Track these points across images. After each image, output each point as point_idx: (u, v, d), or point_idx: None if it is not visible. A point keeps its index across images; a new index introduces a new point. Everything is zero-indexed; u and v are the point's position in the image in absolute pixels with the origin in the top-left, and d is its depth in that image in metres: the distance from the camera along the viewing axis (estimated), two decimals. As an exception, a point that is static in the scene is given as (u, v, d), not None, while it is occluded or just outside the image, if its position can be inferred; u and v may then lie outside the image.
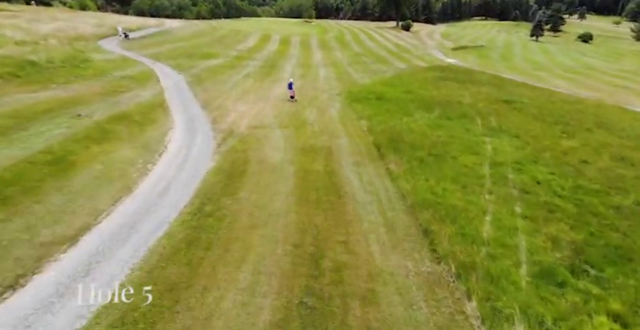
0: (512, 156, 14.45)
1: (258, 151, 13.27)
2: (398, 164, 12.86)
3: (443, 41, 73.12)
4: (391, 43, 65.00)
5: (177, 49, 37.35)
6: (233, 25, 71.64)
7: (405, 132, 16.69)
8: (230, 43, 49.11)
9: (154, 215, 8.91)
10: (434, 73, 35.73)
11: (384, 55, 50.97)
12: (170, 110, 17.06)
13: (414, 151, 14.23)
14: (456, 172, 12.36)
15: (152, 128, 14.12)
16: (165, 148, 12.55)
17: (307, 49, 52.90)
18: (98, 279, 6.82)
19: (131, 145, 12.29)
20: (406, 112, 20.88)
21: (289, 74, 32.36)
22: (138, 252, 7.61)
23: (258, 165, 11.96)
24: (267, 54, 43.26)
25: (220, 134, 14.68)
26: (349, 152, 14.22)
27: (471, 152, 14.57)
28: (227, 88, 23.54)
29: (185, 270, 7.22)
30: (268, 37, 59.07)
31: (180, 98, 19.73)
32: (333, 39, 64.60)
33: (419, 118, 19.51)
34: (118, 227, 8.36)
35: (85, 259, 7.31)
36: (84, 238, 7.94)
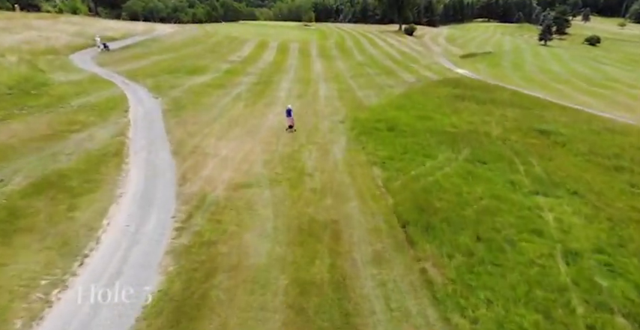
0: (586, 235, 10.44)
1: (234, 241, 9.25)
2: (437, 263, 8.87)
3: (449, 47, 69.10)
4: (395, 49, 60.97)
5: (162, 63, 33.29)
6: (229, 30, 67.55)
7: (434, 190, 12.68)
8: (223, 52, 45.04)
9: None
10: (448, 90, 31.72)
11: (389, 64, 46.93)
12: (127, 162, 13.02)
13: (454, 231, 10.21)
14: (527, 281, 8.36)
15: (88, 203, 10.05)
16: (94, 247, 8.45)
17: (306, 57, 48.85)
18: None
19: (42, 244, 8.24)
20: (427, 150, 16.88)
21: (286, 92, 28.35)
22: None
23: (229, 277, 7.91)
24: (263, 66, 39.19)
25: (186, 206, 10.65)
26: (364, 232, 10.22)
27: (531, 230, 10.56)
28: (211, 118, 19.50)
29: None
30: (265, 45, 55.00)
31: (147, 138, 15.70)
32: (334, 45, 60.55)
33: (445, 163, 15.50)
34: None
35: None
36: None
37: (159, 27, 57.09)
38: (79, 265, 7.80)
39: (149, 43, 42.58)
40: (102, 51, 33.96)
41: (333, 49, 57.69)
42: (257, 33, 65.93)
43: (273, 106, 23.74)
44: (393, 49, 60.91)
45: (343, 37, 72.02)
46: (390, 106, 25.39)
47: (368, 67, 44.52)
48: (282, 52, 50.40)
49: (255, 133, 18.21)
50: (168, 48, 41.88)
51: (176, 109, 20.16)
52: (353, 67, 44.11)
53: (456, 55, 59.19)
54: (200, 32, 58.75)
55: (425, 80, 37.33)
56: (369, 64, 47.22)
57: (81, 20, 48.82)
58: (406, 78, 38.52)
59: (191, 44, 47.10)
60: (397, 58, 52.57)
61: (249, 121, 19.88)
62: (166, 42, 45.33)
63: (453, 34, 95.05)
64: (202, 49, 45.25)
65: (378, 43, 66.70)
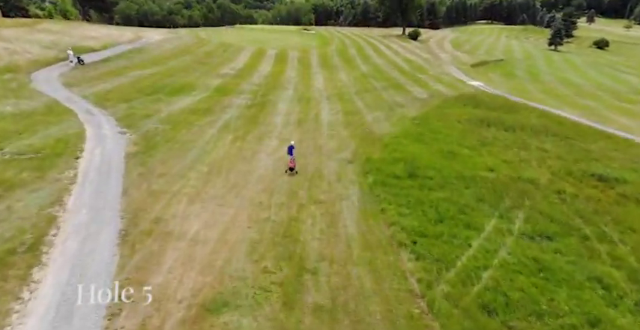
0: None
1: None
2: None
3: (456, 53, 64.87)
4: (400, 57, 56.75)
5: (144, 80, 29.05)
6: (224, 36, 63.30)
7: (499, 307, 8.51)
8: (216, 63, 40.81)
9: None
10: (468, 111, 27.55)
11: (396, 76, 42.71)
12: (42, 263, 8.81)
13: None
14: None
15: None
16: None
17: (307, 68, 44.63)
18: None
19: None
20: (467, 215, 12.73)
21: (283, 117, 24.14)
22: None
23: None
24: (259, 80, 34.97)
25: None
26: None
27: None
28: (187, 164, 15.29)
29: None
30: (262, 53, 50.76)
31: (92, 207, 11.50)
32: (336, 53, 56.30)
33: (497, 240, 11.34)
34: None
35: None
36: None
37: (148, 34, 52.80)
38: None
39: (133, 54, 38.30)
40: (75, 66, 29.71)
41: (334, 57, 53.46)
42: (254, 39, 61.67)
43: (267, 140, 19.54)
44: (399, 57, 56.70)
45: (345, 43, 67.77)
46: (406, 137, 21.19)
47: (373, 80, 40.34)
48: (281, 63, 46.17)
49: (242, 187, 14.00)
50: (154, 60, 37.61)
51: (145, 151, 15.93)
52: (357, 80, 39.91)
53: (465, 63, 54.96)
54: (192, 40, 54.47)
55: (438, 96, 33.18)
56: (374, 75, 43.01)
57: (61, 28, 44.54)
58: (417, 93, 34.35)
59: (180, 54, 42.83)
60: (404, 68, 48.36)
61: (236, 167, 15.66)
62: (153, 52, 41.06)
63: (459, 39, 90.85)
64: (193, 60, 40.99)
65: (382, 50, 62.46)
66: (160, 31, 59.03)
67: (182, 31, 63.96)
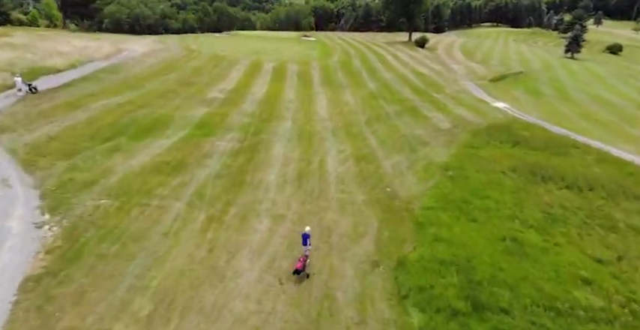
0: None
1: None
2: None
3: (470, 64, 59.04)
4: (410, 70, 50.93)
5: (106, 115, 23.19)
6: (217, 46, 57.43)
7: None
8: (203, 83, 34.98)
9: None
10: (509, 153, 21.83)
11: (410, 96, 36.90)
12: None
13: None
14: None
15: None
16: None
17: (308, 86, 38.83)
18: None
19: None
20: None
21: (278, 171, 18.37)
22: None
23: None
24: (252, 108, 29.12)
25: None
26: None
27: None
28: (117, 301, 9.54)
29: None
30: (258, 68, 44.93)
31: None
32: (339, 66, 50.44)
33: None
34: None
35: None
36: None
37: (131, 46, 46.93)
38: None
39: (106, 74, 32.44)
40: (24, 96, 23.85)
41: (338, 71, 47.61)
42: (250, 50, 55.80)
43: (254, 220, 13.83)
44: (408, 70, 50.88)
45: (348, 52, 61.86)
46: (445, 207, 15.49)
47: (384, 101, 34.60)
48: (278, 80, 40.35)
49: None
50: (130, 82, 31.76)
51: (58, 270, 10.15)
52: (366, 102, 34.15)
53: (482, 77, 49.17)
54: (180, 52, 48.59)
55: (464, 126, 27.48)
56: (384, 95, 37.25)
57: (27, 41, 38.70)
58: (438, 121, 28.63)
59: (164, 72, 36.97)
60: (416, 85, 42.55)
61: (200, 297, 9.92)
62: (131, 71, 35.20)
63: (467, 45, 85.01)
64: (177, 79, 35.12)
65: (389, 61, 56.61)
66: (146, 42, 53.12)
67: (172, 41, 58.04)
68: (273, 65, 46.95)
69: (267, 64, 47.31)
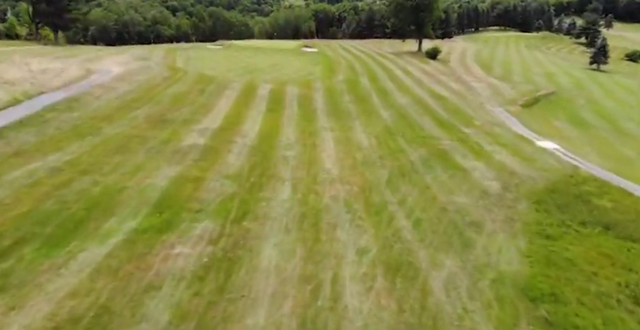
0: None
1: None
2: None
3: (491, 81, 52.14)
4: (427, 91, 44.02)
5: (26, 193, 16.24)
6: (207, 61, 50.49)
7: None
8: (181, 121, 27.98)
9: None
10: (609, 253, 14.88)
11: (436, 134, 30.02)
12: None
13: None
14: None
15: None
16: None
17: (310, 119, 31.93)
18: None
19: None
20: None
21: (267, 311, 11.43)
22: None
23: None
24: (239, 162, 22.08)
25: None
26: None
27: None
28: None
29: None
30: (252, 92, 38.00)
31: None
32: (345, 87, 43.46)
33: None
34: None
35: None
36: None
37: (105, 64, 39.99)
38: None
39: (56, 113, 25.45)
40: None
41: (344, 94, 40.63)
42: (244, 67, 48.82)
43: None
44: (425, 91, 43.96)
45: (354, 67, 54.81)
46: None
47: (404, 141, 27.73)
48: (275, 110, 33.43)
49: None
50: (84, 124, 24.76)
51: None
52: (382, 143, 27.25)
53: (511, 100, 42.26)
54: (162, 71, 41.59)
55: (515, 186, 20.74)
56: (403, 130, 30.40)
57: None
58: (481, 178, 21.78)
59: (135, 105, 30.00)
60: (438, 113, 35.66)
61: None
62: (92, 106, 28.20)
63: (481, 54, 78.05)
64: (149, 116, 28.15)
65: (401, 78, 49.67)
66: (125, 58, 46.08)
67: (156, 55, 51.01)
68: (269, 88, 39.97)
69: (263, 86, 40.33)
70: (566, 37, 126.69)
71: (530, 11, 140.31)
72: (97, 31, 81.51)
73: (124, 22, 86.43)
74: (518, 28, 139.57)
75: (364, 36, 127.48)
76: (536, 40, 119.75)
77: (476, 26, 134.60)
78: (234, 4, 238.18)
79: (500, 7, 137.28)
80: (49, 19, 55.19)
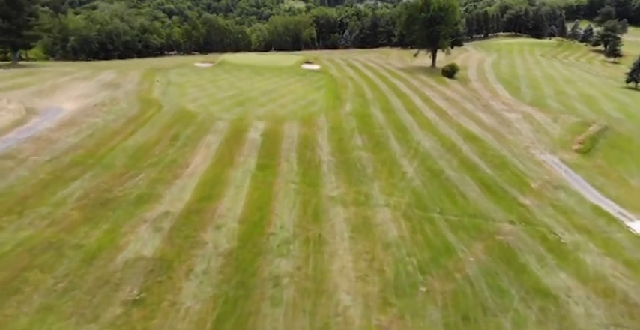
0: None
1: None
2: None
3: (523, 107, 43.77)
4: (455, 128, 35.61)
5: None
6: (191, 88, 42.11)
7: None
8: (133, 199, 19.54)
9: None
10: None
11: (484, 208, 21.70)
12: None
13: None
14: None
15: None
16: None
17: (313, 183, 23.57)
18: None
19: None
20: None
21: None
22: None
23: None
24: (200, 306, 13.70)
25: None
26: None
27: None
28: None
29: None
30: (240, 136, 29.60)
31: None
32: (356, 124, 34.98)
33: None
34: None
35: None
36: None
37: (55, 101, 31.66)
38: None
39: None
40: None
41: (355, 135, 32.21)
42: (234, 96, 40.40)
43: None
44: (452, 127, 35.57)
45: (363, 93, 46.32)
46: None
47: (446, 226, 19.54)
48: (267, 168, 25.03)
49: None
50: None
51: None
52: (418, 233, 18.94)
53: (560, 140, 33.89)
54: (131, 107, 33.19)
55: None
56: (439, 201, 22.16)
57: None
58: (581, 314, 13.56)
59: (71, 173, 21.57)
60: (479, 168, 27.29)
61: None
62: (5, 180, 19.77)
63: (499, 67, 69.71)
64: (86, 193, 19.75)
65: (421, 109, 41.27)
66: (89, 87, 37.69)
67: (130, 80, 42.57)
68: (262, 129, 31.56)
69: (255, 126, 31.90)
70: (581, 44, 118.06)
71: (541, 16, 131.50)
72: (78, 43, 73.02)
73: (108, 32, 77.84)
74: (529, 33, 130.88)
75: (368, 43, 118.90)
76: (551, 48, 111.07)
77: (485, 32, 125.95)
78: (232, 8, 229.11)
79: (511, 12, 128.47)
80: (5, 37, 46.40)
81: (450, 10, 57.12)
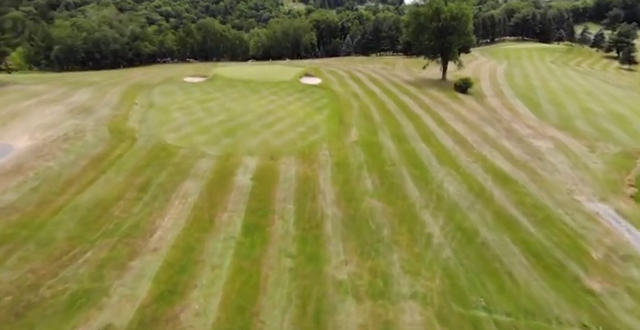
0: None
1: None
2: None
3: (551, 131, 38.21)
4: (478, 160, 30.05)
5: None
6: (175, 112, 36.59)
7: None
8: (62, 306, 14.00)
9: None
10: None
11: (543, 298, 16.06)
12: None
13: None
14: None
15: None
16: None
17: (315, 255, 17.96)
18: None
19: None
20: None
21: None
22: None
23: None
24: None
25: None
26: None
27: None
28: None
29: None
30: (226, 181, 24.04)
31: None
32: (364, 158, 29.42)
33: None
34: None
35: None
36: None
37: (7, 135, 26.12)
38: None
39: None
40: None
41: (364, 175, 26.63)
42: (224, 122, 34.86)
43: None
44: (477, 162, 29.99)
45: (369, 114, 40.72)
46: None
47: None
48: (257, 230, 19.47)
49: None
50: None
51: None
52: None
53: (605, 179, 28.31)
54: (97, 144, 27.61)
55: None
56: (480, 287, 16.54)
57: None
58: None
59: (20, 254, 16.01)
60: (521, 226, 21.73)
61: None
62: None
63: (513, 79, 64.05)
64: (3, 292, 14.18)
65: (436, 135, 35.70)
66: (55, 114, 32.17)
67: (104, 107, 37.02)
68: (254, 168, 26.00)
69: (245, 165, 26.33)
70: (592, 49, 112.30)
71: (549, 20, 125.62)
72: (62, 52, 67.34)
73: (95, 41, 72.12)
74: (536, 38, 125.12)
75: (370, 49, 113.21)
76: (561, 54, 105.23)
77: (492, 37, 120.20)
78: (231, 10, 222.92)
79: (518, 16, 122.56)
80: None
81: (463, 20, 51.46)
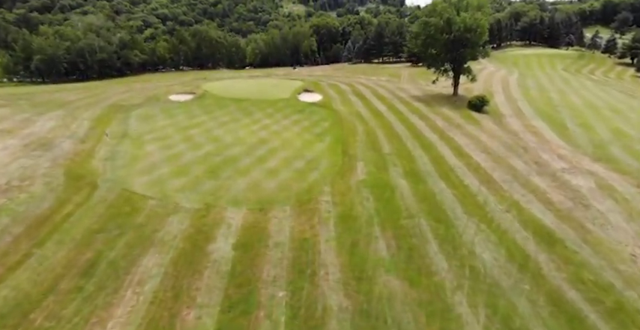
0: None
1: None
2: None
3: (587, 165, 32.81)
4: (509, 205, 24.57)
5: None
6: (149, 145, 31.15)
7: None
8: None
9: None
10: None
11: None
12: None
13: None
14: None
15: None
16: None
17: None
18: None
19: None
20: None
21: None
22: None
23: None
24: None
25: None
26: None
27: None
28: None
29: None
30: (201, 249, 18.51)
31: None
32: (373, 205, 23.93)
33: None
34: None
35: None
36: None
37: None
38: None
39: None
40: None
41: (375, 232, 21.19)
42: (206, 157, 29.36)
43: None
44: (509, 208, 24.50)
45: (377, 142, 35.25)
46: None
47: None
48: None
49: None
50: None
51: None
52: None
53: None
54: (43, 198, 22.17)
55: None
56: None
57: None
58: None
59: None
60: (584, 317, 16.19)
61: None
62: None
63: (529, 92, 58.57)
64: None
65: (456, 171, 30.22)
66: (7, 151, 26.79)
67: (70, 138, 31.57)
68: (237, 228, 20.52)
69: (227, 224, 20.85)
70: (604, 55, 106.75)
71: (557, 24, 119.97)
72: (42, 62, 61.75)
73: (79, 50, 66.53)
74: (544, 43, 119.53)
75: (373, 55, 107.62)
76: (573, 61, 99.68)
77: (498, 42, 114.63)
78: (229, 13, 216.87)
79: (525, 20, 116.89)
80: None
81: (478, 32, 45.93)
